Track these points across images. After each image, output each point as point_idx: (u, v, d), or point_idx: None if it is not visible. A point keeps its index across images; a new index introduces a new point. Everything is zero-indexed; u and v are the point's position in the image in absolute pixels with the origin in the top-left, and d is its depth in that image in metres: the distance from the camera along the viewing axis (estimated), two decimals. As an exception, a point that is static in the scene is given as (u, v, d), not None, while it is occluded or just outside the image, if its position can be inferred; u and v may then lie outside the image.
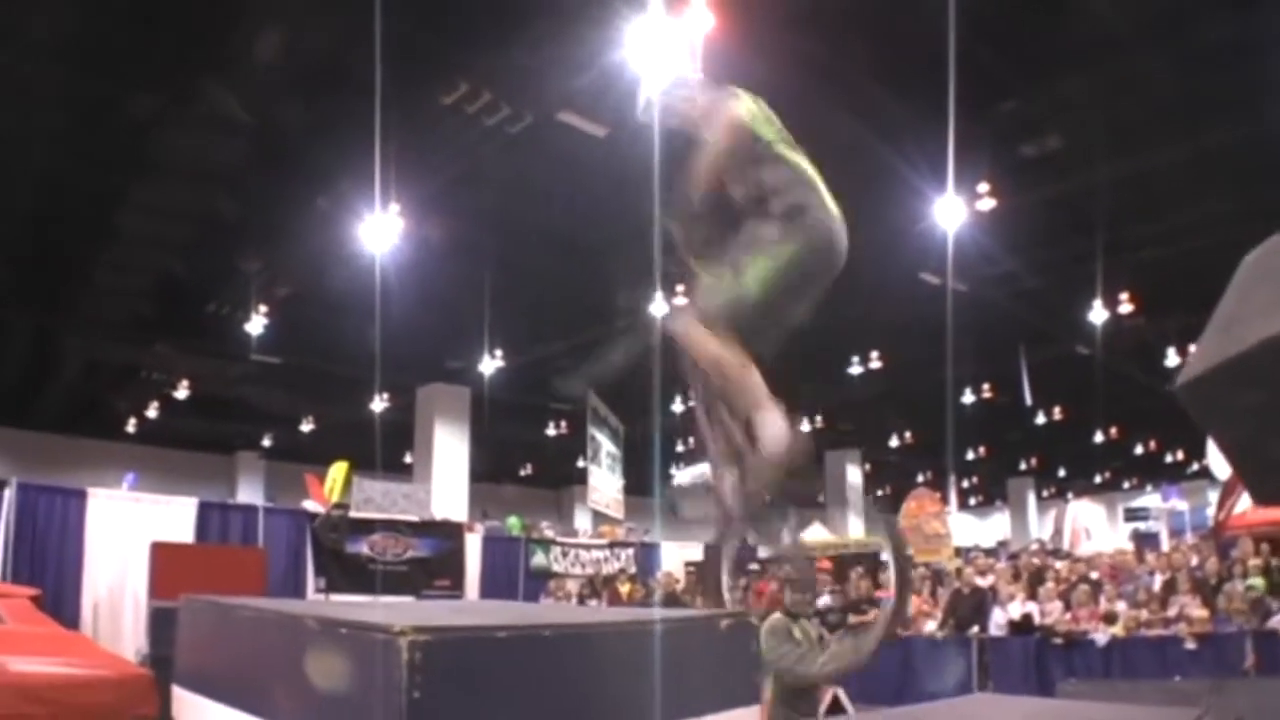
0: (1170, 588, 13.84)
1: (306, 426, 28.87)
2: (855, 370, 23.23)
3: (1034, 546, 26.73)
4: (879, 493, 37.96)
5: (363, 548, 15.57)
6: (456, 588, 16.18)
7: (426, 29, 10.44)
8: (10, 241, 14.50)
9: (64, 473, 20.76)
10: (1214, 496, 29.20)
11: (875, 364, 22.74)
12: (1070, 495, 38.64)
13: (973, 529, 38.90)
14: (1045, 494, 41.53)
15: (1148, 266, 16.89)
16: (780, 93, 11.21)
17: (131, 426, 28.48)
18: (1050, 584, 14.70)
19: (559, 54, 10.80)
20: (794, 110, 11.72)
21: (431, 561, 16.25)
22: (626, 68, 10.45)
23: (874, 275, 16.95)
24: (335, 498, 17.36)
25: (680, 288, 3.73)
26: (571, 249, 15.29)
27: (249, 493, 30.40)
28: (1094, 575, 15.46)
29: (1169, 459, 36.59)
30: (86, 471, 22.49)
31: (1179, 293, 18.04)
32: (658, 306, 16.40)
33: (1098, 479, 40.45)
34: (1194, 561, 14.84)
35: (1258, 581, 13.11)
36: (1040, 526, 37.75)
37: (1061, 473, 39.97)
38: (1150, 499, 36.37)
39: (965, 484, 39.57)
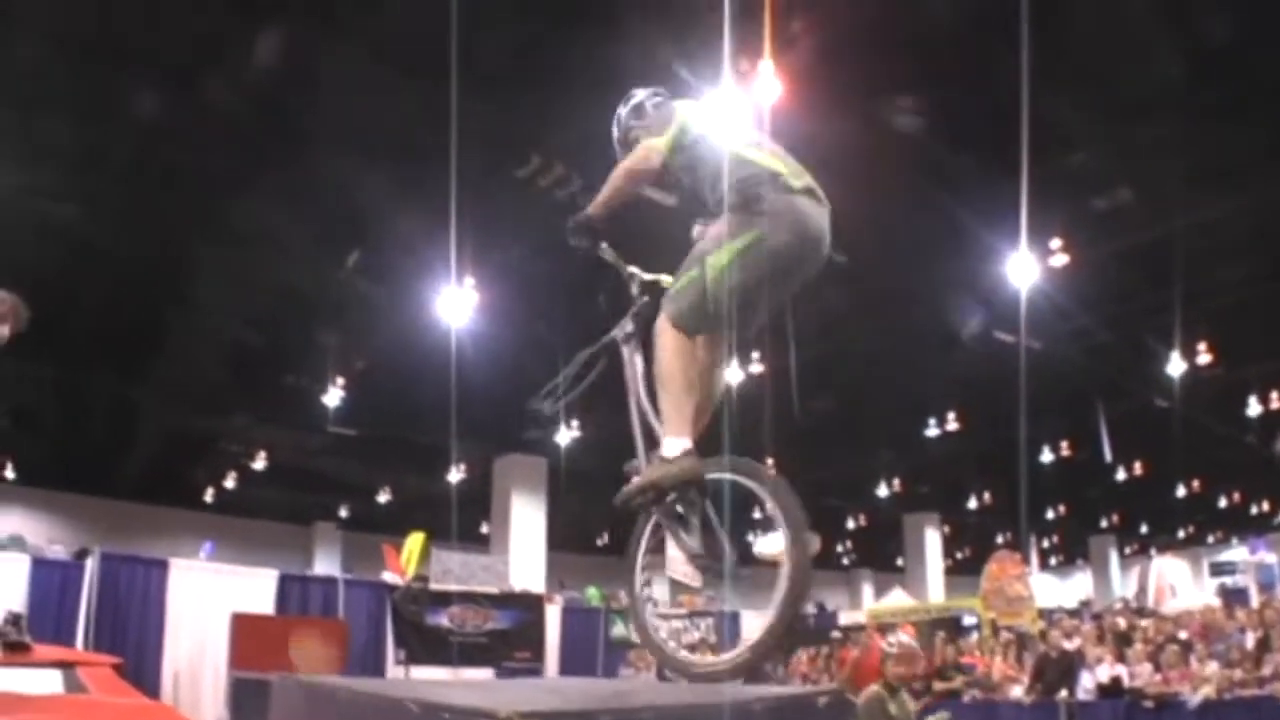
0: (1264, 645, 13.46)
1: (383, 497, 29.07)
2: (932, 432, 22.95)
3: (1118, 605, 26.23)
4: (958, 555, 37.51)
5: (442, 620, 15.48)
6: (536, 659, 16.06)
7: (501, 103, 10.60)
8: (91, 310, 14.78)
9: (142, 541, 21.03)
10: (1303, 547, 28.57)
11: (952, 425, 22.45)
12: (1154, 551, 37.85)
13: (1054, 589, 38.17)
14: (1128, 551, 40.72)
15: (1223, 315, 16.71)
16: (852, 156, 11.39)
17: (209, 496, 28.85)
18: (1139, 645, 14.36)
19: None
20: (866, 173, 11.87)
21: (511, 633, 16.17)
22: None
23: (949, 334, 16.95)
24: (412, 569, 17.41)
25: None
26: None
27: (326, 563, 30.61)
28: (1183, 635, 15.08)
29: (1254, 510, 35.84)
30: (165, 540, 22.80)
31: (1256, 340, 17.85)
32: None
33: (1181, 534, 39.65)
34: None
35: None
36: (1124, 585, 36.95)
37: (1144, 529, 39.22)
38: (1237, 552, 35.55)
39: (1045, 543, 38.89)
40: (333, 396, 18.15)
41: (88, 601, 13.14)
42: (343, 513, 32.35)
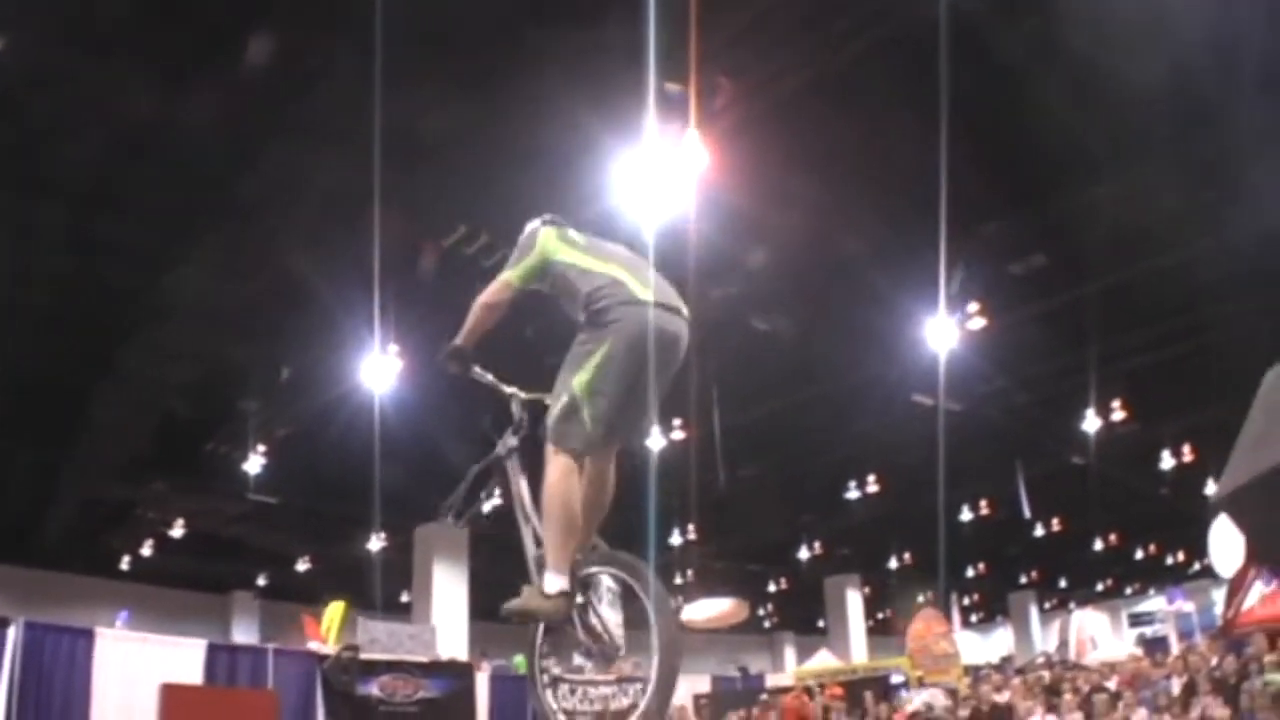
0: (1190, 690, 13.73)
1: (302, 565, 28.59)
2: (853, 494, 23.12)
3: (1040, 660, 26.51)
4: (879, 615, 37.68)
5: (373, 689, 15.19)
6: None
7: (426, 175, 10.66)
8: (12, 376, 14.52)
9: (58, 610, 20.44)
10: (1218, 595, 29.05)
11: (872, 487, 22.64)
12: (1073, 605, 38.27)
13: (977, 646, 38.44)
14: (1047, 605, 41.12)
15: (1137, 374, 17.09)
16: (774, 225, 11.56)
17: (126, 564, 28.21)
18: (1068, 695, 14.57)
19: (555, 193, 10.98)
20: (788, 241, 12.03)
21: (441, 702, 15.92)
22: (623, 203, 10.68)
23: (868, 399, 17.17)
24: (333, 638, 17.16)
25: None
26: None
27: (243, 632, 30.03)
28: (1111, 684, 15.33)
29: (1170, 561, 36.44)
30: (81, 608, 22.20)
31: (1169, 397, 18.29)
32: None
33: (1100, 586, 40.25)
34: (1213, 662, 14.71)
35: (1277, 677, 12.97)
36: (1044, 639, 37.34)
37: (1063, 583, 39.72)
38: (1155, 602, 36.16)
39: (966, 601, 39.24)
40: (254, 464, 17.97)
41: (10, 672, 12.65)
42: (260, 581, 31.75)
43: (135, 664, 13.56)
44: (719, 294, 12.59)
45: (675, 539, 23.25)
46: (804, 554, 29.16)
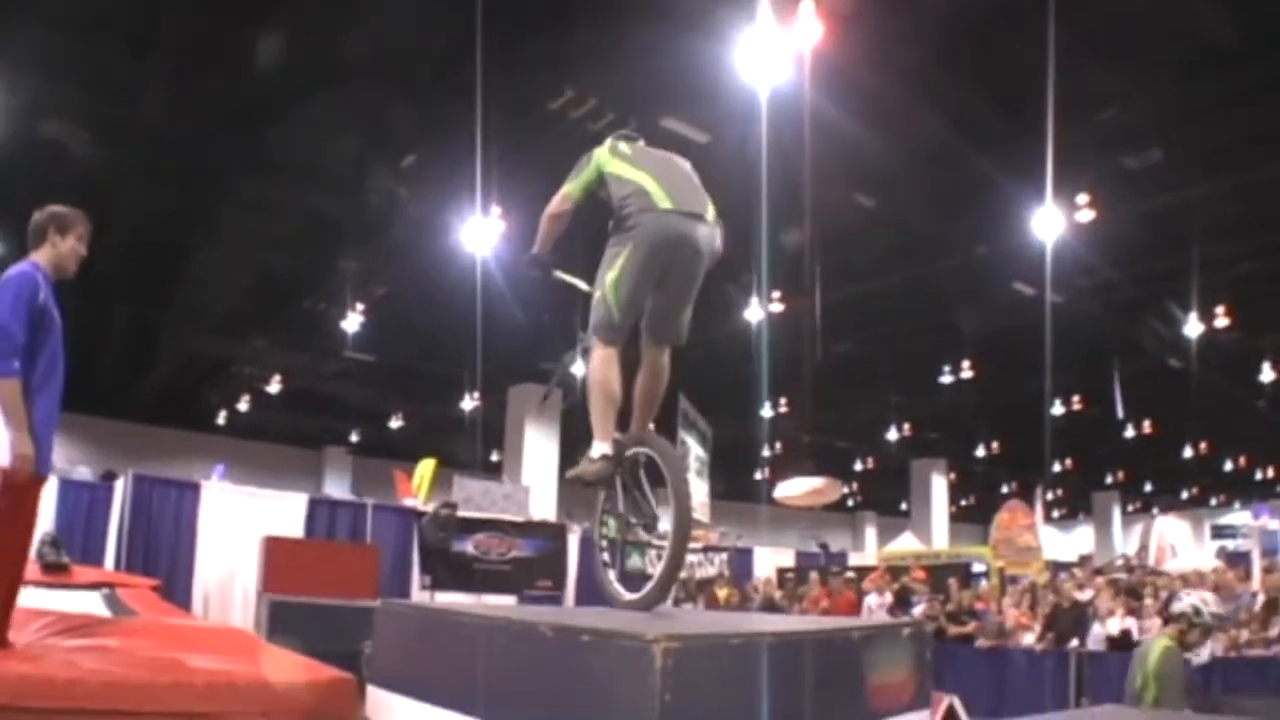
0: (1271, 608, 13.61)
1: (395, 423, 29.23)
2: (946, 379, 23.00)
3: (1119, 561, 26.38)
4: (962, 502, 37.70)
5: (468, 547, 15.49)
6: (558, 588, 16.11)
7: (534, 35, 10.57)
8: (114, 233, 14.79)
9: (156, 463, 21.06)
10: (1304, 516, 28.71)
11: (966, 374, 22.47)
12: (1156, 510, 38.02)
13: (1056, 542, 38.37)
14: (1130, 508, 40.94)
15: (1244, 281, 16.70)
16: (885, 102, 11.35)
17: (222, 419, 29.06)
18: (1149, 600, 14.50)
19: (665, 60, 10.88)
20: (899, 119, 11.82)
21: (534, 562, 16.23)
22: (733, 74, 10.55)
23: (969, 284, 16.95)
24: (424, 494, 17.52)
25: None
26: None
27: (336, 486, 30.89)
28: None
29: (1259, 476, 35.99)
30: (178, 462, 22.92)
31: (1275, 309, 17.85)
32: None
33: (1184, 495, 39.89)
34: (1298, 582, 14.54)
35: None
36: (1125, 542, 37.18)
37: (1148, 488, 39.47)
38: (1238, 516, 35.74)
39: (1049, 496, 39.12)
40: (352, 322, 18.21)
41: (119, 523, 13.13)
42: (353, 437, 32.56)
43: (238, 516, 13.91)
44: (827, 168, 12.41)
45: (767, 411, 23.38)
46: (892, 435, 29.21)
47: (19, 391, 4.41)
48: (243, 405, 27.30)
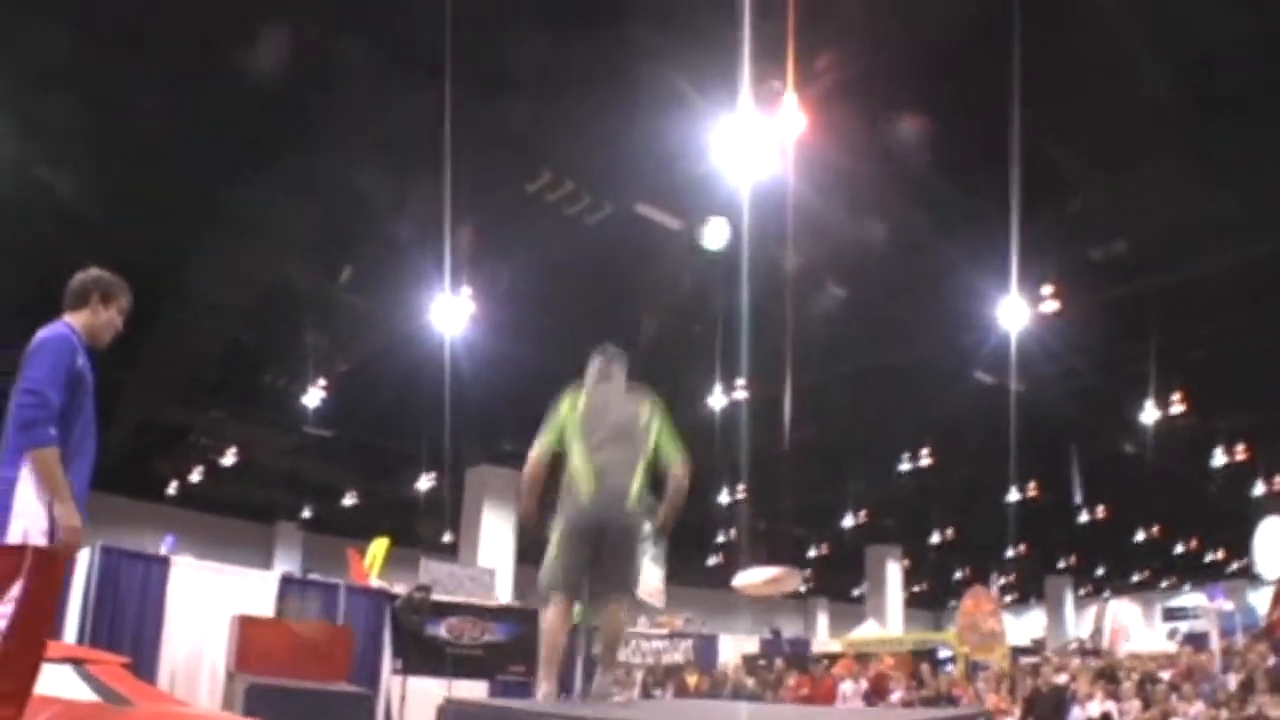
0: (1247, 687, 13.75)
1: (349, 500, 28.87)
2: (905, 466, 23.05)
3: (1073, 645, 26.51)
4: (915, 588, 37.69)
5: (440, 630, 15.26)
6: (530, 674, 15.57)
7: (516, 116, 10.62)
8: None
9: (102, 531, 20.65)
10: (1253, 596, 29.10)
11: (925, 460, 22.58)
12: (1108, 594, 38.26)
13: (1009, 626, 38.38)
14: (1082, 592, 41.08)
15: (1199, 367, 16.97)
16: (858, 193, 11.50)
17: (172, 489, 28.53)
18: (1128, 683, 14.61)
19: (645, 147, 10.97)
20: (871, 210, 11.95)
21: (505, 646, 15.90)
22: (709, 163, 10.65)
23: (931, 372, 17.11)
24: (375, 572, 17.30)
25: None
26: (634, 339, 15.33)
27: (286, 561, 30.30)
28: (1164, 675, 15.37)
29: (1208, 558, 36.28)
30: (128, 531, 22.30)
31: (1230, 393, 18.16)
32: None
33: (1136, 578, 40.14)
34: (1270, 661, 14.71)
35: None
36: (1078, 625, 37.34)
37: (1100, 571, 39.63)
38: (1190, 598, 36.00)
39: (1002, 581, 39.24)
40: (313, 397, 18.02)
41: (84, 596, 12.63)
42: (305, 514, 32.12)
43: (207, 592, 13.59)
44: (799, 257, 12.54)
45: (724, 497, 23.37)
46: (848, 521, 29.22)
47: (58, 460, 4.29)
48: (195, 476, 26.79)
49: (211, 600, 13.47)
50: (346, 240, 13.79)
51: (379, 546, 17.84)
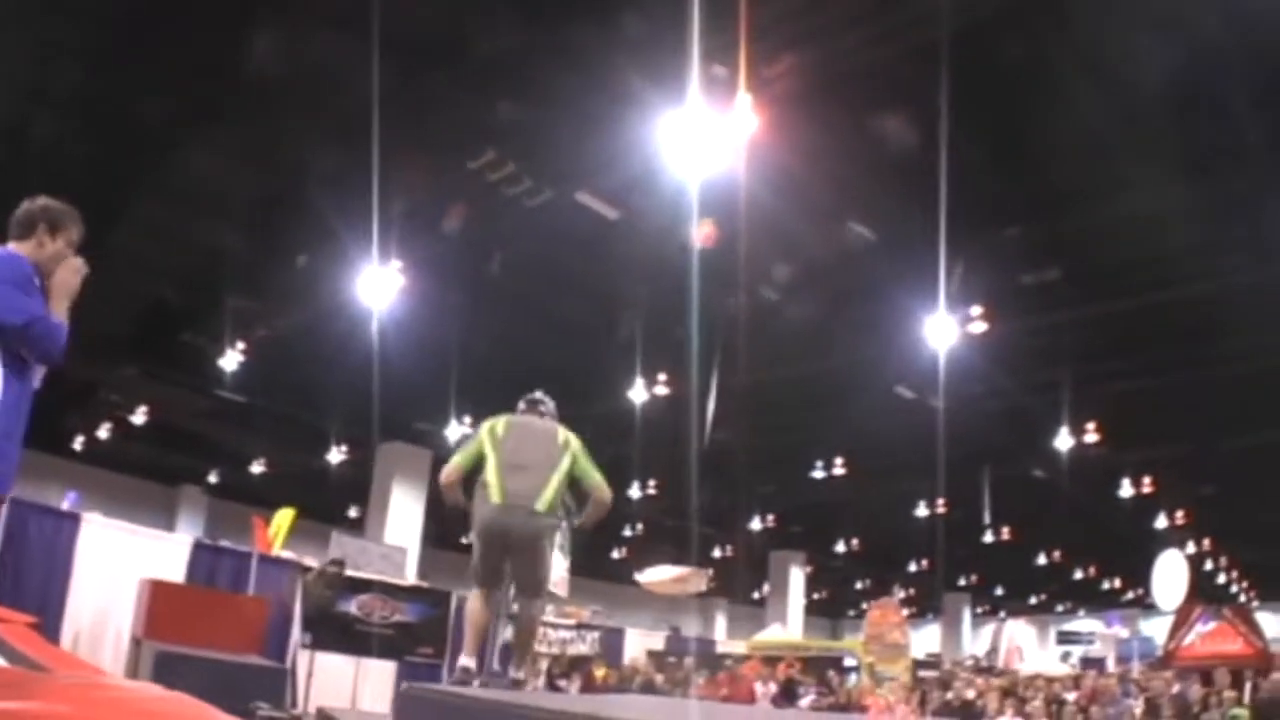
0: (1153, 713, 14.02)
1: (256, 468, 28.40)
2: (818, 474, 23.16)
3: (969, 661, 26.90)
4: (815, 595, 37.95)
5: (351, 607, 14.80)
6: (438, 656, 15.37)
7: (466, 92, 10.47)
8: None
9: (3, 483, 20.22)
10: (1146, 625, 29.80)
11: (839, 470, 22.70)
12: (1004, 614, 38.90)
13: (905, 638, 38.93)
14: (979, 610, 41.67)
15: (1116, 399, 17.23)
16: (797, 204, 11.47)
17: (78, 444, 27.89)
18: (1038, 702, 14.83)
19: (594, 136, 10.87)
20: (809, 220, 11.92)
21: (416, 627, 15.54)
22: (655, 156, 10.58)
23: (852, 384, 17.19)
24: (279, 544, 17.00)
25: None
26: (561, 328, 15.25)
27: (188, 526, 29.79)
28: (1070, 696, 15.65)
29: (1105, 586, 36.93)
30: (29, 485, 21.82)
31: (1144, 427, 18.48)
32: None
33: (1033, 600, 40.79)
34: (1175, 689, 14.99)
35: (1241, 712, 13.19)
36: (973, 642, 37.89)
37: (999, 591, 40.18)
38: (1084, 623, 36.79)
39: (902, 594, 39.69)
40: (230, 360, 17.65)
41: None
42: (211, 478, 31.56)
43: (116, 554, 13.05)
44: (735, 257, 12.50)
45: (635, 492, 23.34)
46: (756, 525, 29.31)
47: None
48: (102, 433, 26.21)
49: (120, 562, 12.94)
50: (280, 207, 13.48)
51: (284, 517, 17.55)
